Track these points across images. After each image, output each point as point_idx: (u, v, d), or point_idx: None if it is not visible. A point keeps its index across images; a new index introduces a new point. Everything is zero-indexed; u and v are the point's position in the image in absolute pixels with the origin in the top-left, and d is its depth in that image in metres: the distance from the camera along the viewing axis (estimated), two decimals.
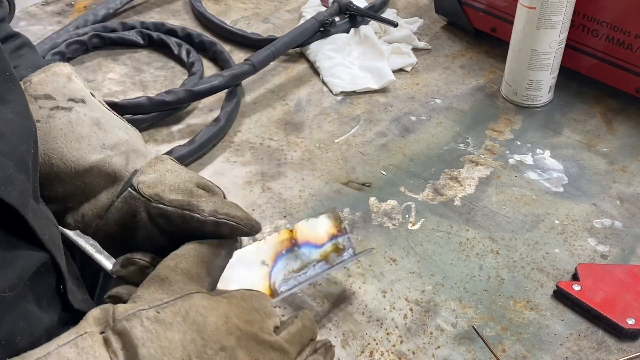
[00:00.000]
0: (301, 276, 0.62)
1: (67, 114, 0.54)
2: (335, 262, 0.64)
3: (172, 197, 0.51)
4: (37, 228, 0.44)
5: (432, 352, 0.60)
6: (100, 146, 0.54)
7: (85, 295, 0.56)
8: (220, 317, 0.45)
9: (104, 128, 0.55)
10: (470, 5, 0.98)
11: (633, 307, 0.61)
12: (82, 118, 0.54)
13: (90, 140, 0.53)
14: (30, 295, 0.45)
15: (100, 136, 0.54)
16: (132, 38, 1.00)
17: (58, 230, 0.50)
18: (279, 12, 1.11)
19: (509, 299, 0.65)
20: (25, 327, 0.43)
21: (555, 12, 0.80)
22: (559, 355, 0.60)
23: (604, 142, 0.84)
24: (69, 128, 0.53)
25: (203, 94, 0.86)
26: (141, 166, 0.54)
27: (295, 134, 0.85)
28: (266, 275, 0.60)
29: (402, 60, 0.97)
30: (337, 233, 0.65)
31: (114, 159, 0.54)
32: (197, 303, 0.45)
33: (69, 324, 0.51)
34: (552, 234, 0.71)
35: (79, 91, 0.55)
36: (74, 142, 0.53)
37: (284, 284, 0.61)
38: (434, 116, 0.88)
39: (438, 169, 0.80)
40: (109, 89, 0.93)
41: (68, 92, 0.55)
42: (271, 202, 0.75)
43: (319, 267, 0.63)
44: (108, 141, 0.54)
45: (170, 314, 0.43)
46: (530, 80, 0.87)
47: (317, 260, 0.63)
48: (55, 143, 0.53)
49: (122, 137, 0.55)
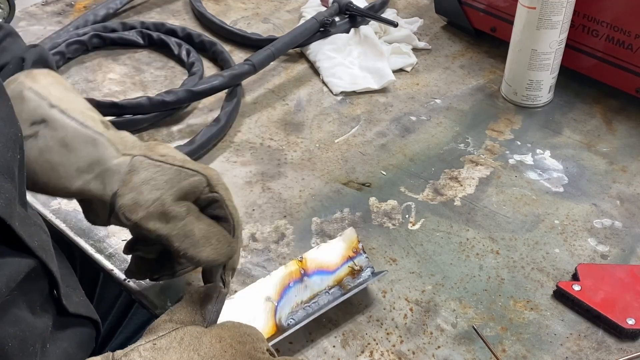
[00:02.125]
0: (311, 306, 0.60)
1: (35, 143, 0.52)
2: (350, 286, 0.62)
3: (152, 226, 0.53)
4: (25, 236, 0.44)
5: (432, 352, 0.60)
6: (76, 170, 0.53)
7: (81, 298, 0.55)
8: (214, 337, 0.48)
9: (72, 148, 0.53)
10: (470, 5, 0.98)
11: (633, 307, 0.61)
12: (49, 143, 0.53)
13: (64, 167, 0.53)
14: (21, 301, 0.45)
15: (72, 159, 0.53)
16: (132, 38, 1.00)
17: (48, 236, 0.50)
18: (279, 12, 1.11)
19: (509, 299, 0.65)
20: (17, 333, 0.43)
21: (555, 12, 0.80)
22: (559, 355, 0.60)
23: (604, 142, 0.84)
24: (41, 158, 0.53)
25: (203, 94, 0.86)
26: (118, 186, 0.53)
27: (295, 134, 0.85)
28: (271, 311, 0.60)
29: (402, 60, 0.97)
30: (352, 255, 0.63)
31: (92, 185, 0.53)
32: (191, 330, 0.48)
33: (66, 328, 0.51)
34: (552, 234, 0.71)
35: (36, 110, 0.53)
36: (50, 172, 0.53)
37: (292, 317, 0.60)
38: (434, 116, 0.88)
39: (438, 169, 0.80)
40: (109, 89, 0.93)
41: (27, 117, 0.53)
42: (271, 202, 0.75)
43: (331, 293, 0.61)
44: (80, 163, 0.53)
45: (166, 342, 0.46)
46: (530, 80, 0.87)
47: (330, 287, 0.62)
48: (35, 176, 0.53)
49: (92, 154, 0.53)
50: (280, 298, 0.61)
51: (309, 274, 0.62)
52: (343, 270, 0.63)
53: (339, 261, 0.63)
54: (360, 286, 0.62)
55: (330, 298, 0.61)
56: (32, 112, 0.53)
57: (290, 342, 0.60)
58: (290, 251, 0.69)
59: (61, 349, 0.50)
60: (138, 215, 0.52)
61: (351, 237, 0.64)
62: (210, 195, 0.55)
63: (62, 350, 0.50)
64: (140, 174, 0.54)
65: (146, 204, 0.52)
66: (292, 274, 0.62)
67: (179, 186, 0.54)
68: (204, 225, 0.54)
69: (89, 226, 0.72)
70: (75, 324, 0.53)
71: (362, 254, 0.64)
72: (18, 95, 0.53)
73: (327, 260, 0.63)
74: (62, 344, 0.50)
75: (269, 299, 0.60)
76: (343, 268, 0.63)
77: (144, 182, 0.53)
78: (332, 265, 0.63)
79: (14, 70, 0.54)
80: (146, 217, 0.52)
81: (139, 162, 0.54)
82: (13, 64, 0.55)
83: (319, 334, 0.61)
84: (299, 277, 0.62)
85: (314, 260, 0.63)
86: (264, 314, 0.60)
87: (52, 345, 0.49)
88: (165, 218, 0.52)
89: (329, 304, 0.60)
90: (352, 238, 0.64)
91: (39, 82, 0.54)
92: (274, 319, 0.59)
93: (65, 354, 0.50)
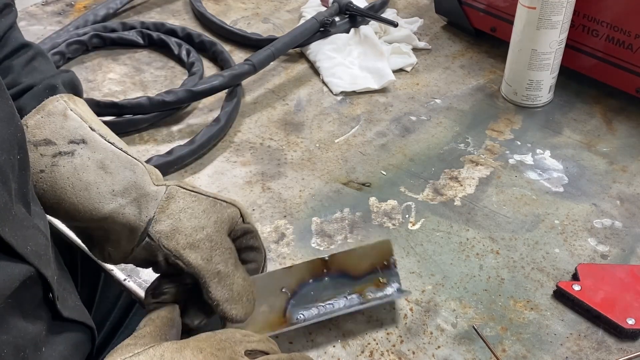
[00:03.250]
0: (325, 307, 0.59)
1: (70, 160, 0.52)
2: (371, 297, 0.59)
3: (191, 258, 0.53)
4: (16, 243, 0.43)
5: (432, 352, 0.60)
6: (110, 193, 0.53)
7: (77, 302, 0.55)
8: (195, 349, 0.47)
9: (110, 170, 0.53)
10: (470, 5, 0.98)
11: (633, 307, 0.61)
12: (86, 163, 0.52)
13: (98, 188, 0.52)
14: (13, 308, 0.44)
15: (107, 181, 0.53)
16: (132, 38, 1.00)
17: (47, 239, 0.49)
18: (279, 12, 1.11)
19: (509, 299, 0.65)
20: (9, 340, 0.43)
21: (555, 12, 0.80)
22: (559, 355, 0.60)
23: (604, 142, 0.84)
24: (75, 176, 0.52)
25: (203, 94, 0.86)
26: (154, 212, 0.53)
27: (295, 134, 0.85)
28: (282, 302, 0.59)
29: (402, 60, 0.97)
30: (382, 266, 0.61)
31: (126, 209, 0.53)
32: (169, 347, 0.46)
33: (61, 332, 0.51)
34: (552, 234, 0.71)
35: (77, 130, 0.53)
36: (82, 191, 0.52)
37: (302, 313, 0.59)
38: (434, 116, 0.88)
39: (438, 169, 0.80)
40: (109, 89, 0.93)
41: (67, 134, 0.53)
42: (271, 202, 0.75)
43: (349, 300, 0.59)
44: (117, 186, 0.53)
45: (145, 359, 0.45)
46: (531, 80, 0.87)
47: (349, 293, 0.60)
48: (64, 194, 0.52)
49: (129, 178, 0.53)
50: (296, 292, 0.59)
51: (331, 275, 0.60)
52: (368, 280, 0.60)
53: (366, 269, 0.61)
54: (382, 300, 0.60)
55: (347, 304, 0.59)
56: (72, 131, 0.53)
57: (290, 342, 0.60)
58: (290, 251, 0.69)
59: (57, 352, 0.49)
60: (175, 242, 0.53)
61: (385, 248, 0.61)
62: (245, 227, 0.57)
63: (59, 354, 0.49)
64: (178, 202, 0.54)
65: (184, 231, 0.53)
66: (314, 271, 0.60)
67: (219, 217, 0.55)
68: (241, 279, 0.55)
69: None
70: (70, 328, 0.52)
71: (393, 267, 0.61)
72: (61, 113, 0.53)
73: (353, 266, 0.60)
74: (58, 347, 0.50)
75: (284, 290, 0.59)
76: (368, 278, 0.60)
77: (181, 210, 0.54)
78: (357, 272, 0.60)
79: (46, 94, 0.54)
80: (185, 248, 0.53)
81: (175, 191, 0.55)
82: (45, 86, 0.54)
83: (319, 334, 0.61)
84: (319, 275, 0.60)
85: (339, 262, 0.61)
86: (275, 303, 0.59)
87: (47, 349, 0.48)
88: (203, 255, 0.53)
89: (345, 309, 0.59)
90: (386, 248, 0.61)
91: (79, 107, 0.55)
92: (283, 311, 0.58)
93: (61, 358, 0.49)
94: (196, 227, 0.53)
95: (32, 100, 0.53)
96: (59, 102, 0.54)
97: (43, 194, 0.52)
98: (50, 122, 0.52)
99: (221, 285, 0.53)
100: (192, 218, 0.54)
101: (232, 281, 0.53)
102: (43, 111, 0.53)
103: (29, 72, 0.56)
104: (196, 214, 0.54)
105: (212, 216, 0.54)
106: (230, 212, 0.56)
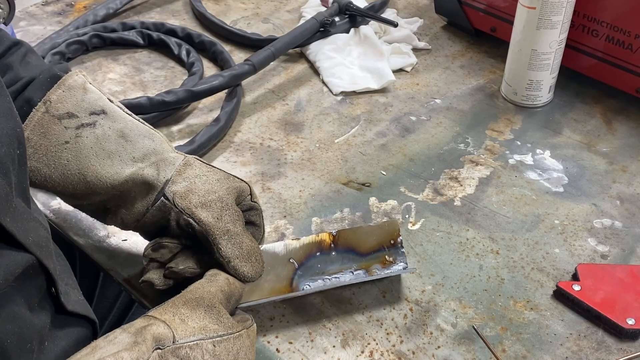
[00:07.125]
0: (331, 280, 0.61)
1: (92, 131, 0.56)
2: (376, 273, 0.61)
3: (202, 215, 0.55)
4: (17, 232, 0.44)
5: (432, 352, 0.60)
6: (131, 159, 0.56)
7: (79, 296, 0.55)
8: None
9: (130, 139, 0.57)
10: (470, 5, 0.98)
11: (633, 307, 0.61)
12: (108, 132, 0.56)
13: (120, 155, 0.56)
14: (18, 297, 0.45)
15: (128, 149, 0.56)
16: (132, 38, 1.00)
17: (47, 232, 0.50)
18: (279, 12, 1.11)
19: (509, 299, 0.65)
20: (15, 330, 0.43)
21: (555, 12, 0.80)
22: (559, 355, 0.60)
23: (604, 142, 0.84)
24: (98, 146, 0.55)
25: (203, 94, 0.86)
26: (172, 175, 0.57)
27: (295, 134, 0.85)
28: (289, 272, 0.61)
29: (402, 60, 0.97)
30: (389, 245, 0.63)
31: (145, 171, 0.56)
32: (245, 344, 0.51)
33: (64, 326, 0.51)
34: (552, 234, 0.71)
35: (97, 101, 0.57)
36: (105, 159, 0.55)
37: (310, 283, 0.60)
38: (434, 116, 0.88)
39: (438, 169, 0.80)
40: (109, 89, 0.93)
41: (88, 106, 0.56)
42: (271, 202, 0.75)
43: (355, 275, 0.61)
44: (137, 153, 0.57)
45: (225, 351, 0.49)
46: (530, 80, 0.87)
47: (355, 269, 0.61)
48: (88, 162, 0.55)
49: (148, 146, 0.57)
50: (303, 264, 0.61)
51: (338, 250, 0.62)
52: (374, 257, 0.62)
53: (373, 247, 0.62)
54: (389, 274, 0.61)
55: (353, 278, 0.61)
56: (93, 103, 0.56)
57: (290, 342, 0.60)
58: None
59: (60, 347, 0.50)
60: (189, 201, 0.55)
61: (393, 227, 0.63)
62: (252, 204, 0.60)
63: (61, 349, 0.50)
64: (194, 169, 0.58)
65: (198, 192, 0.56)
66: (322, 244, 0.62)
67: (232, 185, 0.58)
68: (248, 239, 0.57)
69: (89, 226, 0.72)
70: (73, 323, 0.53)
71: (399, 247, 0.63)
72: (81, 86, 0.57)
73: (360, 242, 0.62)
74: (61, 343, 0.50)
75: (291, 260, 0.61)
76: (375, 255, 0.62)
77: (197, 176, 0.57)
78: (364, 249, 0.62)
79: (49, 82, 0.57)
80: (197, 206, 0.55)
81: (192, 160, 0.59)
82: (46, 75, 0.57)
83: (319, 334, 0.61)
84: (327, 249, 0.62)
85: (346, 238, 0.63)
86: (282, 272, 0.61)
87: (50, 344, 0.49)
88: (214, 214, 0.55)
89: (350, 281, 0.61)
90: (393, 228, 0.63)
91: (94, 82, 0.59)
92: (290, 280, 0.60)
93: (63, 353, 0.50)
94: (209, 190, 0.56)
95: (38, 90, 0.56)
96: (77, 76, 0.57)
97: (67, 165, 0.55)
98: (71, 95, 0.56)
99: (231, 243, 0.55)
100: (206, 183, 0.57)
101: (241, 240, 0.56)
102: (64, 85, 0.56)
103: (26, 67, 0.59)
104: (210, 180, 0.57)
105: (224, 184, 0.57)
106: (241, 185, 0.59)
